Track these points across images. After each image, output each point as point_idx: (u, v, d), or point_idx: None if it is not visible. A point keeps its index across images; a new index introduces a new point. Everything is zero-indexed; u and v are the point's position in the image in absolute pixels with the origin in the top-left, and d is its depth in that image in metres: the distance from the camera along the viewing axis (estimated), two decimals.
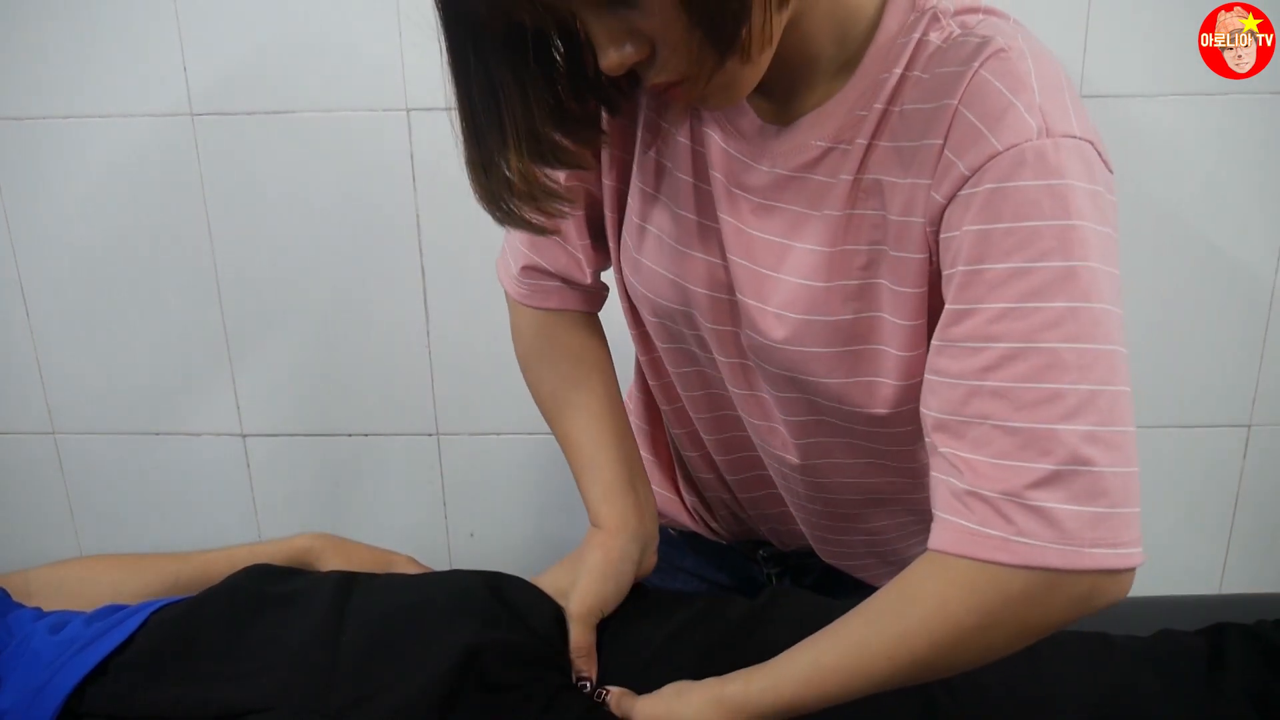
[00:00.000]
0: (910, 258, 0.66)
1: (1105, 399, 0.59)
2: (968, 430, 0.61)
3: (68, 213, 1.41)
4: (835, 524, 0.89)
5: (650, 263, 0.79)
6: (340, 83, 1.33)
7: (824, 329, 0.71)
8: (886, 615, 0.65)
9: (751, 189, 0.72)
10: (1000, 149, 0.59)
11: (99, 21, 1.32)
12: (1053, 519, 0.58)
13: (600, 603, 0.80)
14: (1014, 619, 0.61)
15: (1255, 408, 1.45)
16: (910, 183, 0.65)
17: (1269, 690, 0.81)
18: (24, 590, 0.88)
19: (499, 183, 0.68)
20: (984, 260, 0.60)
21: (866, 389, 0.72)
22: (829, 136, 0.68)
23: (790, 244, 0.71)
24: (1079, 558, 0.58)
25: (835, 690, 0.66)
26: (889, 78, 0.66)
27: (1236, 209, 1.35)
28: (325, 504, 1.57)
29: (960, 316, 0.62)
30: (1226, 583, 1.55)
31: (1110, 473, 0.58)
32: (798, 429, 0.80)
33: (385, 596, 0.81)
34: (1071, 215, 0.59)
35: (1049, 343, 0.59)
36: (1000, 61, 0.61)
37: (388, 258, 1.42)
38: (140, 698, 0.72)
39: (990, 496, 0.59)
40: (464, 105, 0.67)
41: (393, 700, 0.71)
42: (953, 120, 0.61)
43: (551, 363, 0.91)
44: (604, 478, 0.86)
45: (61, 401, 1.52)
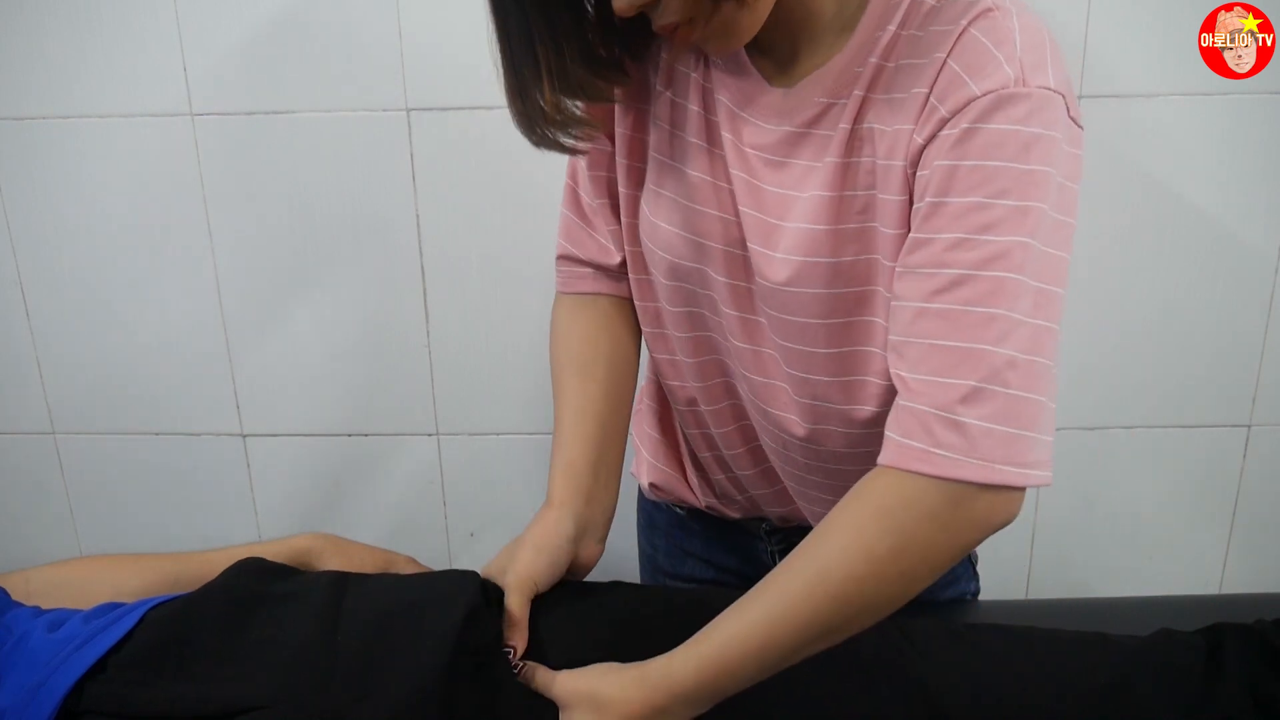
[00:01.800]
0: (895, 199, 0.71)
1: (1029, 331, 0.64)
2: (909, 349, 0.66)
3: (68, 213, 1.41)
4: (832, 496, 0.89)
5: (666, 224, 0.83)
6: (340, 83, 1.33)
7: (825, 271, 0.75)
8: (803, 557, 0.69)
9: (761, 147, 0.77)
10: (978, 93, 0.64)
11: (99, 21, 1.32)
12: (969, 434, 0.63)
13: (531, 573, 0.82)
14: (923, 540, 0.65)
15: (1255, 408, 1.44)
16: (896, 129, 0.69)
17: (1267, 689, 0.81)
18: (24, 590, 0.88)
19: (534, 109, 0.74)
20: (948, 194, 0.65)
21: (866, 328, 0.76)
22: (828, 93, 0.73)
23: (797, 195, 0.75)
24: (987, 472, 0.63)
25: (758, 646, 0.68)
26: (883, 35, 0.71)
27: (1236, 209, 1.35)
28: (325, 504, 1.57)
29: (919, 245, 0.67)
30: (1226, 583, 1.55)
31: (1025, 398, 0.64)
32: (800, 385, 0.82)
33: (380, 596, 0.81)
34: (1032, 160, 0.64)
35: (992, 271, 0.64)
36: (988, 19, 0.66)
37: (388, 258, 1.42)
38: (138, 695, 0.72)
39: (919, 410, 0.65)
40: (503, 42, 0.72)
41: (389, 698, 0.71)
42: (940, 71, 0.67)
43: (565, 346, 0.94)
44: (568, 457, 0.89)
45: (61, 401, 1.52)
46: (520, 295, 1.43)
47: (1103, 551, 1.53)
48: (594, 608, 0.84)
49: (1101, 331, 1.40)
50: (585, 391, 0.91)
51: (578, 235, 0.93)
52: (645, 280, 0.90)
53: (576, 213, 0.93)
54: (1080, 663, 0.84)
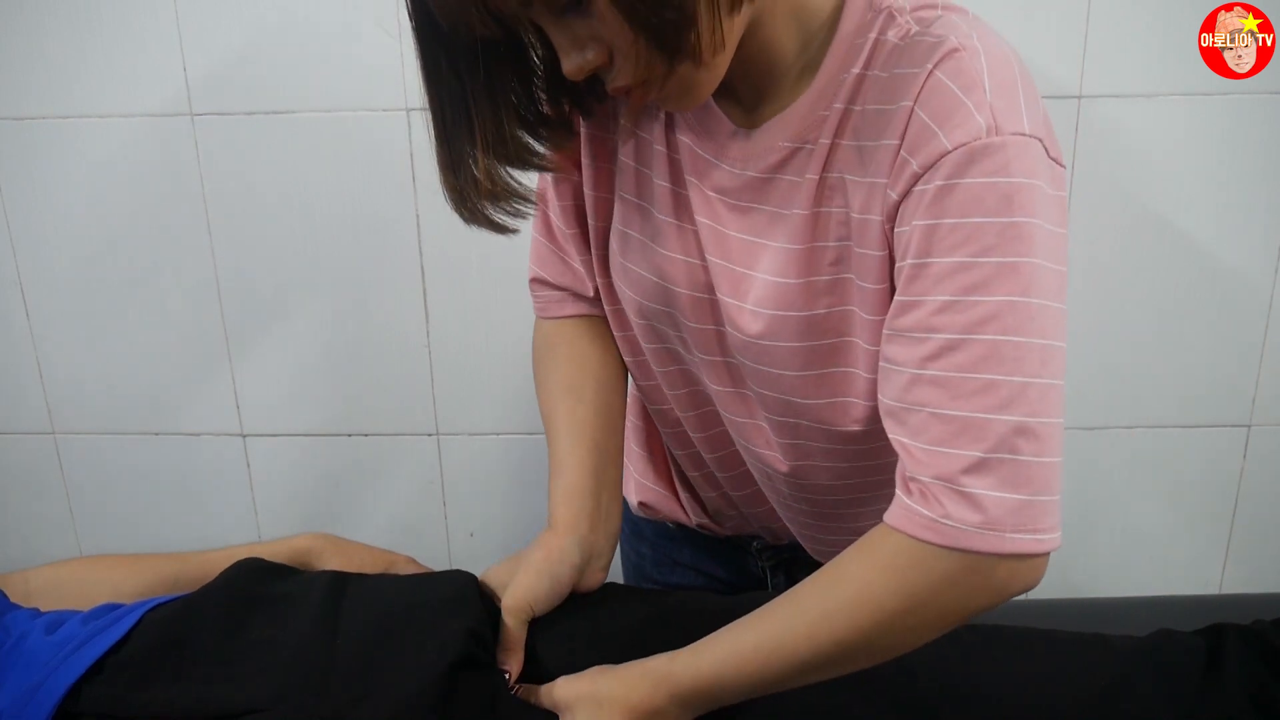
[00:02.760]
0: (872, 254, 0.68)
1: (1035, 391, 0.61)
2: (909, 416, 0.64)
3: (67, 213, 1.41)
4: (820, 522, 0.89)
5: (635, 266, 0.81)
6: (340, 83, 1.33)
7: (798, 323, 0.73)
8: (812, 596, 0.68)
9: (726, 191, 0.74)
10: (949, 148, 0.61)
11: (98, 21, 1.32)
12: (979, 504, 0.61)
13: (532, 599, 0.81)
14: (934, 603, 0.64)
15: (1255, 408, 1.44)
16: (869, 181, 0.67)
17: (1267, 690, 0.81)
18: (23, 590, 0.88)
19: (467, 182, 0.70)
20: (930, 254, 0.62)
21: (844, 378, 0.74)
22: (793, 137, 0.70)
23: (765, 243, 0.73)
24: (1000, 542, 0.61)
25: (756, 669, 0.68)
26: (847, 77, 0.67)
27: (1236, 209, 1.35)
28: (325, 504, 1.57)
29: (907, 308, 0.64)
30: (1226, 583, 1.55)
31: (1035, 462, 0.62)
32: (779, 427, 0.81)
33: (379, 597, 0.81)
34: (1015, 212, 0.61)
35: (987, 335, 0.61)
36: (954, 61, 0.62)
37: (387, 258, 1.42)
38: (136, 697, 0.72)
39: (925, 481, 0.63)
40: (434, 107, 0.69)
41: (389, 701, 0.71)
42: (909, 121, 0.63)
43: (552, 367, 0.92)
44: (568, 480, 0.87)
45: (61, 401, 1.52)
46: (520, 295, 1.42)
47: (1103, 551, 1.53)
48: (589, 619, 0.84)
49: (1101, 331, 1.40)
50: (576, 414, 0.88)
51: (549, 260, 0.91)
52: (620, 311, 0.88)
53: (547, 237, 0.91)
54: (1079, 663, 0.84)
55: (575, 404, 0.89)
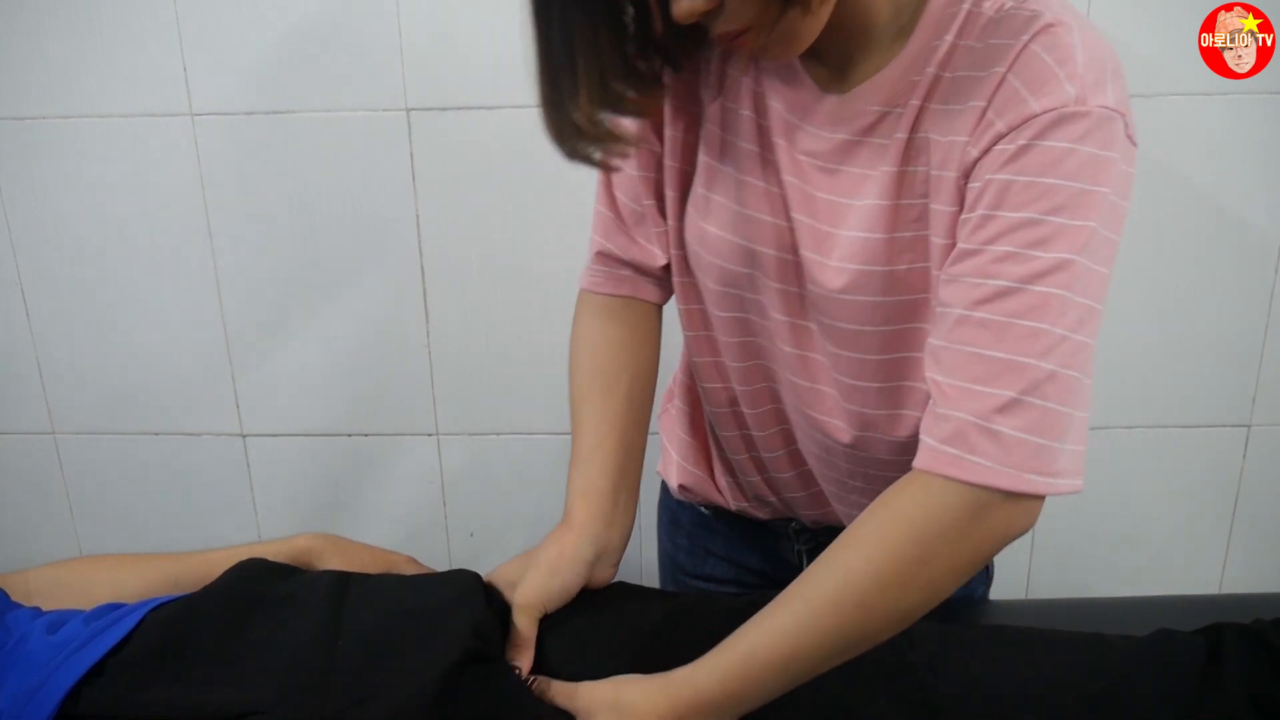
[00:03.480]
0: (946, 210, 0.71)
1: (1072, 345, 0.65)
2: (949, 355, 0.67)
3: (67, 213, 1.41)
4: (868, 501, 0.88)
5: (717, 229, 0.82)
6: (340, 83, 1.33)
7: (881, 279, 0.75)
8: (828, 566, 0.69)
9: (814, 153, 0.77)
10: (1038, 111, 0.65)
11: (99, 21, 1.32)
12: (1003, 443, 0.65)
13: (543, 596, 0.81)
14: (947, 549, 0.67)
15: (1255, 408, 1.44)
16: (950, 140, 0.70)
17: (1266, 689, 0.81)
18: (24, 590, 0.88)
19: (568, 123, 0.72)
20: (1001, 207, 0.66)
21: (919, 336, 0.76)
22: (884, 101, 0.73)
23: (851, 203, 0.75)
24: (1017, 480, 0.65)
25: (785, 653, 0.68)
26: (940, 44, 0.70)
27: (1236, 209, 1.35)
28: (325, 504, 1.57)
29: (968, 255, 0.68)
30: (1226, 583, 1.55)
31: (1059, 411, 0.65)
32: (849, 392, 0.82)
33: (381, 598, 0.81)
34: (1088, 179, 0.65)
35: (1040, 286, 0.65)
36: (1050, 35, 0.66)
37: (388, 258, 1.42)
38: (137, 698, 0.72)
39: (956, 417, 0.66)
40: (542, 50, 0.71)
41: (390, 702, 0.71)
42: (999, 86, 0.67)
43: (590, 353, 0.93)
44: (588, 477, 0.87)
45: (61, 401, 1.52)
46: (520, 295, 1.43)
47: (1103, 551, 1.53)
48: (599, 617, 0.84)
49: (1102, 331, 1.40)
50: (608, 407, 0.89)
51: (616, 234, 0.91)
52: (690, 283, 0.89)
53: (613, 210, 0.91)
54: (1079, 663, 0.84)
55: (607, 395, 0.90)
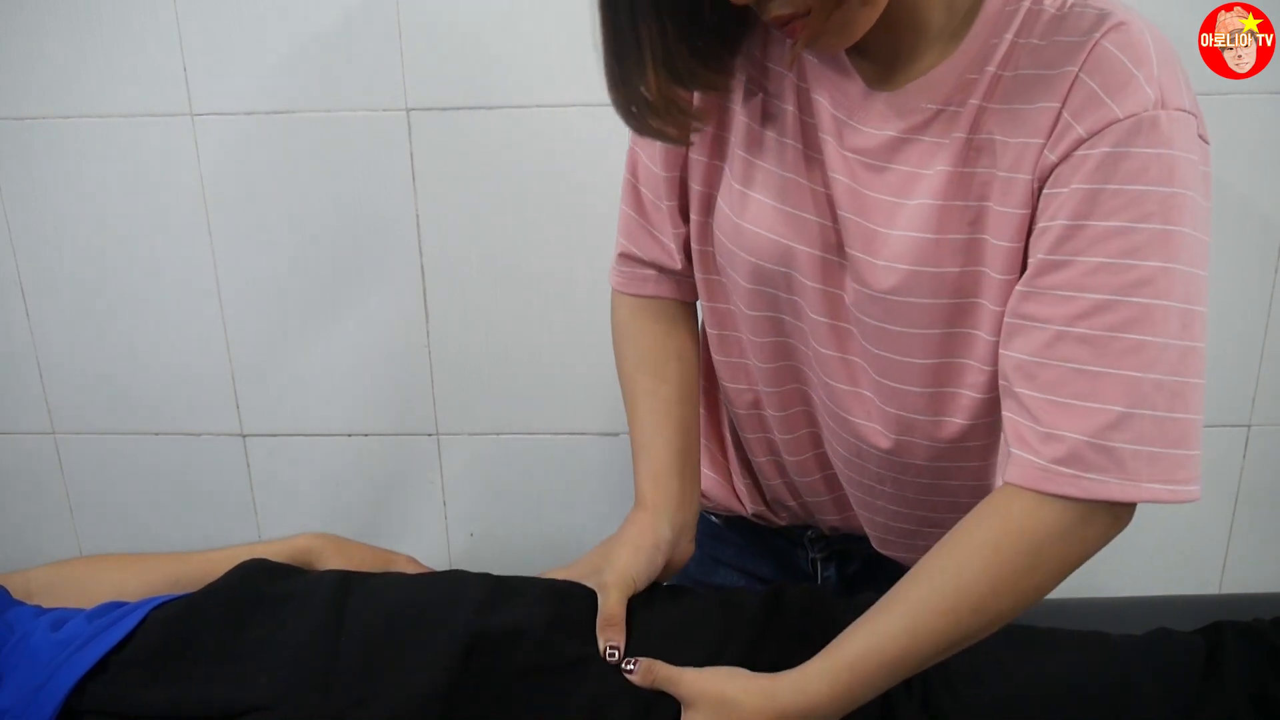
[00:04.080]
0: (1014, 213, 0.69)
1: (1176, 352, 0.64)
2: (1045, 371, 0.66)
3: (67, 213, 1.41)
4: (897, 507, 0.88)
5: (753, 226, 0.81)
6: (340, 83, 1.33)
7: (930, 280, 0.74)
8: (945, 571, 0.70)
9: (863, 151, 0.75)
10: (1120, 116, 0.63)
11: (99, 21, 1.32)
12: (1118, 457, 0.64)
13: (634, 574, 0.82)
14: (1057, 554, 0.68)
15: (1255, 408, 1.44)
16: (1021, 142, 0.68)
17: (1266, 688, 0.81)
18: (24, 590, 0.88)
19: (636, 97, 0.73)
20: (1089, 217, 0.65)
21: (966, 340, 0.75)
22: (940, 99, 0.71)
23: (902, 202, 0.74)
24: (1135, 490, 0.65)
25: (896, 656, 0.70)
26: (999, 43, 0.69)
27: (1236, 209, 1.35)
28: (325, 504, 1.57)
29: (1055, 266, 0.66)
30: (1226, 583, 1.55)
31: (1171, 418, 0.65)
32: (887, 394, 0.81)
33: (383, 596, 0.81)
34: (1175, 183, 0.64)
35: (1139, 298, 0.64)
36: (1122, 33, 0.65)
37: (388, 258, 1.42)
38: (140, 696, 0.72)
39: (1066, 437, 0.65)
40: (608, 26, 0.71)
41: (392, 702, 0.71)
42: (1072, 86, 0.65)
43: (634, 345, 0.94)
44: (654, 460, 0.89)
45: (61, 401, 1.52)
46: (520, 295, 1.43)
47: (1103, 551, 1.53)
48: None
49: None
50: (659, 393, 0.90)
51: (639, 235, 0.91)
52: (716, 281, 0.88)
53: (638, 211, 0.91)
54: (1080, 662, 0.84)
55: (658, 382, 0.91)
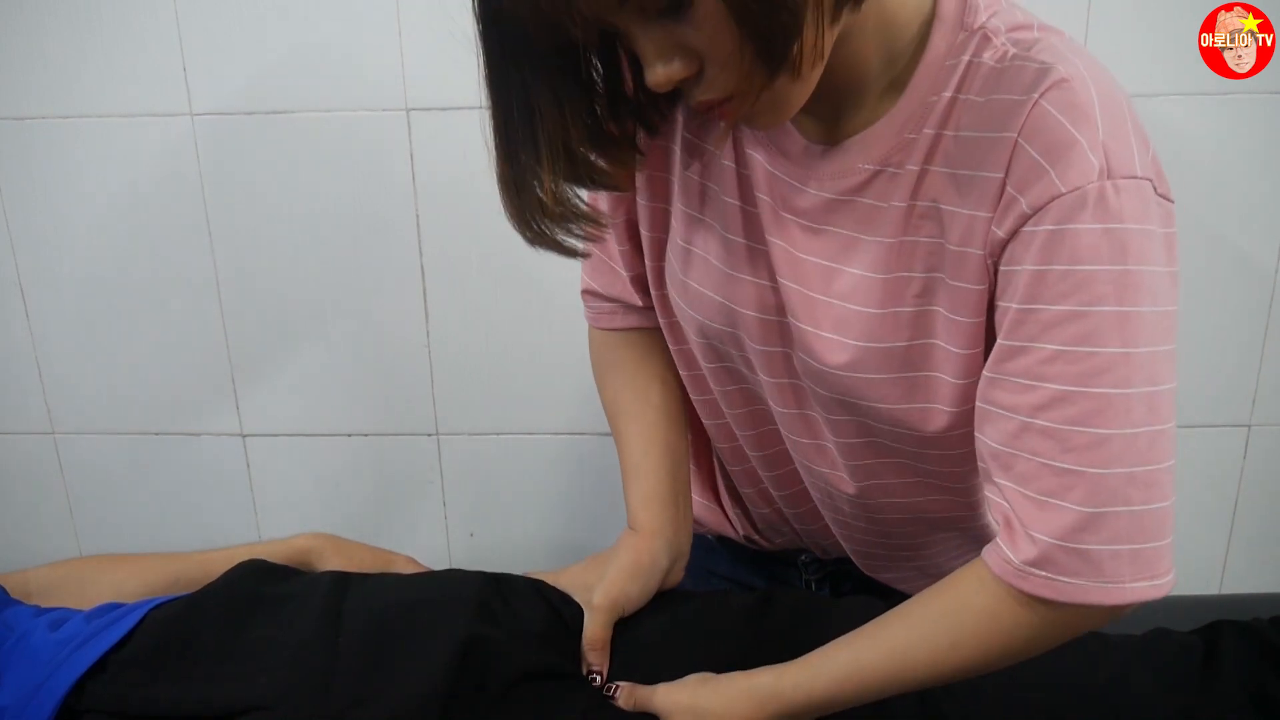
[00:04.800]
0: (967, 288, 0.65)
1: (1145, 439, 0.61)
2: (1017, 463, 0.63)
3: (67, 213, 1.41)
4: (879, 540, 0.88)
5: (697, 285, 0.78)
6: (340, 83, 1.33)
7: (879, 355, 0.70)
8: (937, 624, 0.68)
9: (799, 211, 0.71)
10: (1063, 190, 0.59)
11: (99, 21, 1.32)
12: (1092, 560, 0.61)
13: (623, 599, 0.81)
14: (1059, 635, 0.66)
15: (1255, 408, 1.44)
16: (969, 214, 0.64)
17: (1265, 687, 0.81)
18: (23, 590, 0.88)
19: (531, 202, 0.67)
20: (1038, 300, 0.61)
21: (921, 414, 0.72)
22: (877, 159, 0.67)
23: (840, 268, 0.70)
24: (1120, 593, 0.61)
25: (873, 689, 0.69)
26: (938, 101, 0.64)
27: (1237, 209, 1.35)
28: (325, 504, 1.57)
29: (1013, 353, 0.62)
30: (1226, 583, 1.55)
31: (1146, 510, 0.61)
32: (848, 450, 0.79)
33: (382, 596, 0.81)
34: (1128, 260, 0.60)
35: (1098, 388, 0.60)
36: (1062, 92, 0.60)
37: (388, 258, 1.42)
38: (139, 695, 0.72)
39: (1038, 539, 0.62)
40: (499, 121, 0.65)
41: (392, 701, 0.71)
42: (1013, 153, 0.60)
43: (614, 374, 0.93)
44: (646, 485, 0.87)
45: (61, 401, 1.52)
46: (520, 295, 1.43)
47: None
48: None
49: None
50: (646, 417, 0.89)
51: (600, 272, 0.90)
52: (677, 324, 0.85)
53: (599, 247, 0.87)
54: (1079, 661, 0.84)
55: (644, 407, 0.89)
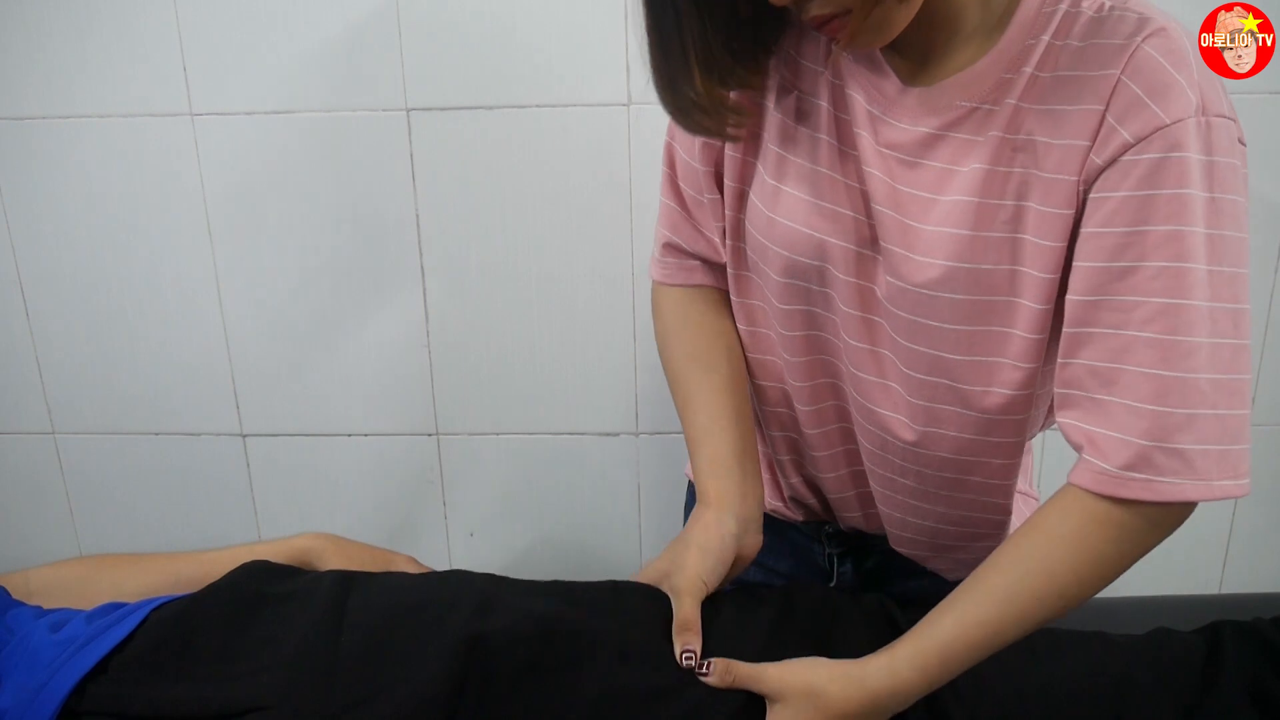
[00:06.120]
0: (1057, 213, 0.70)
1: (1229, 350, 0.67)
2: (1123, 376, 0.68)
3: (67, 213, 1.41)
4: (918, 502, 0.89)
5: (786, 220, 0.81)
6: (340, 83, 1.33)
7: (965, 275, 0.74)
8: (1031, 560, 0.72)
9: (898, 146, 0.76)
10: (1167, 122, 0.65)
11: (99, 21, 1.32)
12: (1187, 458, 0.67)
13: (705, 576, 0.82)
14: (1142, 544, 0.71)
15: (1255, 408, 1.44)
16: (1065, 143, 0.69)
17: (1265, 686, 0.81)
18: (24, 590, 0.88)
19: (684, 97, 0.75)
20: (1147, 222, 0.66)
21: (997, 338, 0.76)
22: (975, 97, 0.72)
23: (937, 198, 0.75)
24: (1210, 490, 0.67)
25: (981, 641, 0.72)
26: (1036, 44, 0.70)
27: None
28: (325, 504, 1.57)
29: (1122, 274, 0.68)
30: (1226, 583, 1.55)
31: (1230, 415, 0.67)
32: (914, 387, 0.81)
33: (383, 596, 0.81)
34: (1218, 188, 0.66)
35: (1195, 300, 0.66)
36: (1163, 39, 0.66)
37: (388, 258, 1.42)
38: (140, 696, 0.72)
39: (1136, 443, 0.67)
40: (653, 29, 0.73)
41: (393, 701, 0.71)
42: (1115, 89, 0.66)
43: (682, 339, 0.94)
44: (712, 452, 0.89)
45: (61, 401, 1.52)
46: (520, 295, 1.43)
47: None
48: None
49: None
50: (712, 385, 0.90)
51: (683, 227, 0.92)
52: (747, 276, 0.89)
53: (679, 203, 0.92)
54: (1079, 662, 0.84)
55: (708, 373, 0.91)
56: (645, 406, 1.48)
